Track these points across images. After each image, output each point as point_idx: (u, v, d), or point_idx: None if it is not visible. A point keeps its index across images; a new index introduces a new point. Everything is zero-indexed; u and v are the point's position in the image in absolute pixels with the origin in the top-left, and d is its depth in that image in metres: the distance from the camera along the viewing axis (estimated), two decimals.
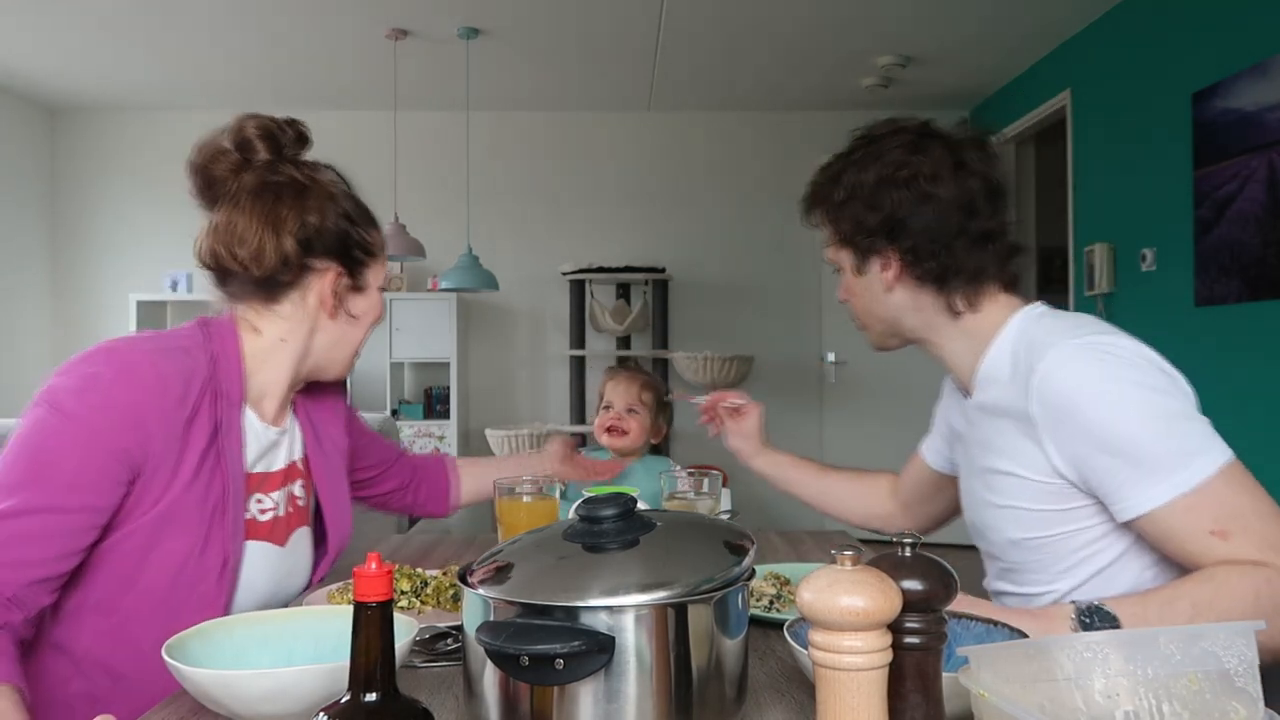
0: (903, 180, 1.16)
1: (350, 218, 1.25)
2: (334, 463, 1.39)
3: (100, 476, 1.06)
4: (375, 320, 1.33)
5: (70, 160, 5.43)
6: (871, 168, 1.18)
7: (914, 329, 1.24)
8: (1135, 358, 1.06)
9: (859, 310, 1.28)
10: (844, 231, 1.22)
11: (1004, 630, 0.88)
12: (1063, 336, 1.08)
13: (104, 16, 4.01)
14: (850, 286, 1.27)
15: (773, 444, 1.67)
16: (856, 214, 1.19)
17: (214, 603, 1.14)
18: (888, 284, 1.21)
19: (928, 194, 1.15)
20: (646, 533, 0.80)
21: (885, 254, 1.19)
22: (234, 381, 1.20)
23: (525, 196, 5.53)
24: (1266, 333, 3.03)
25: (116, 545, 1.10)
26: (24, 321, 5.15)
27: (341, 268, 1.25)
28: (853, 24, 4.17)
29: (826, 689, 0.64)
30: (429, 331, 5.12)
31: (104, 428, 1.06)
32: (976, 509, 1.25)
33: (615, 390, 2.21)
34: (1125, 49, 3.92)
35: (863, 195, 1.18)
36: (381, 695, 0.63)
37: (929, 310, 1.21)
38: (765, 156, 5.59)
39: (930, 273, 1.17)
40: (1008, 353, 1.15)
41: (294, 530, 1.30)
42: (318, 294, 1.24)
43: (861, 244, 1.21)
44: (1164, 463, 1.00)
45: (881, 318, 1.25)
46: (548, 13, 4.02)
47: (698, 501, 1.47)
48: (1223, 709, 0.64)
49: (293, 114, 1.31)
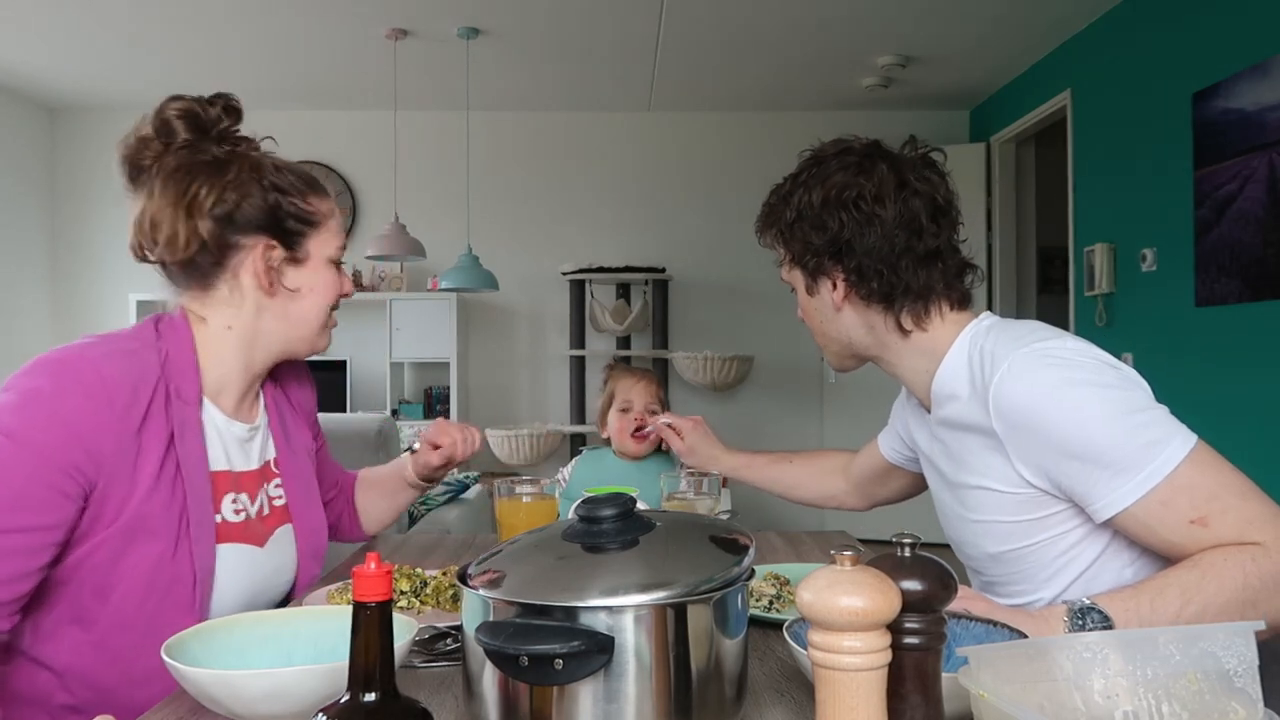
0: (848, 201, 1.17)
1: (280, 188, 1.20)
2: (303, 463, 1.36)
3: (48, 495, 1.03)
4: (331, 294, 1.28)
5: (70, 160, 5.43)
6: (817, 189, 1.20)
7: (867, 348, 1.25)
8: (1084, 359, 1.07)
9: (814, 330, 1.30)
10: (794, 252, 1.24)
11: (1004, 630, 0.88)
12: (1011, 347, 1.09)
13: (104, 16, 4.01)
14: (804, 307, 1.29)
15: (729, 446, 1.74)
16: (804, 235, 1.21)
17: (190, 608, 1.11)
18: (836, 304, 1.22)
19: (872, 215, 1.16)
20: (646, 533, 0.80)
21: (832, 274, 1.21)
22: (188, 378, 1.16)
23: (525, 196, 5.53)
24: (1266, 333, 3.03)
25: (86, 559, 1.07)
26: (24, 321, 5.15)
27: (272, 240, 1.20)
28: (853, 24, 4.17)
29: (826, 689, 0.64)
30: (429, 331, 5.12)
31: (49, 444, 1.02)
32: (953, 524, 1.26)
33: (634, 390, 2.15)
34: (1125, 49, 3.92)
35: (810, 216, 1.20)
36: (381, 695, 0.63)
37: (879, 329, 1.21)
38: (765, 156, 5.58)
39: (876, 292, 1.18)
40: (962, 366, 1.16)
41: (274, 530, 1.27)
42: (250, 272, 1.19)
43: (810, 265, 1.22)
44: (1131, 458, 1.01)
45: (834, 338, 1.27)
46: (548, 13, 4.02)
47: (697, 501, 1.47)
48: (1222, 709, 0.64)
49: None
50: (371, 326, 5.27)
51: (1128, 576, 1.09)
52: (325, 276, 1.27)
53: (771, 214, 1.28)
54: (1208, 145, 3.31)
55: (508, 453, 4.77)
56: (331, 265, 1.27)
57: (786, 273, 1.29)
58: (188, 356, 1.18)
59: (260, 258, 1.19)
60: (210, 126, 1.20)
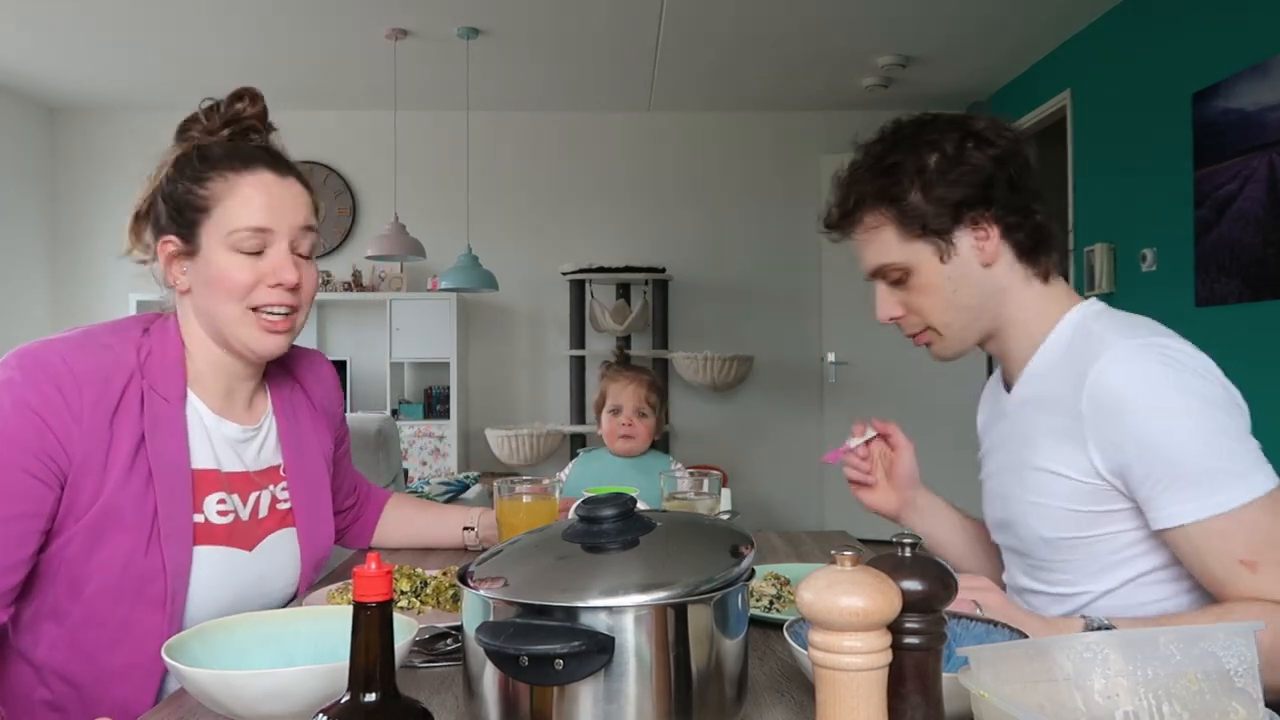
0: (978, 142, 1.12)
1: (174, 175, 1.15)
2: (315, 468, 1.32)
3: (25, 481, 1.03)
4: (231, 285, 1.13)
5: (70, 160, 5.43)
6: (926, 149, 1.13)
7: (994, 316, 1.18)
8: (1195, 365, 1.04)
9: (939, 308, 1.17)
10: (921, 216, 1.13)
11: (1004, 630, 0.88)
12: (1124, 335, 1.06)
13: (104, 16, 4.01)
14: (927, 284, 1.16)
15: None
16: (942, 192, 1.12)
17: (161, 608, 1.09)
18: (987, 257, 1.15)
19: (1003, 153, 1.13)
20: (646, 533, 0.80)
21: (981, 224, 1.14)
22: (170, 375, 1.16)
23: (525, 196, 5.53)
24: (1266, 333, 3.03)
25: (60, 551, 1.07)
26: (23, 321, 5.15)
27: (170, 235, 1.16)
28: (853, 24, 4.17)
29: (826, 689, 0.64)
30: (429, 331, 5.12)
31: (18, 432, 1.03)
32: (1007, 504, 1.21)
33: (623, 393, 2.19)
34: (1125, 49, 3.91)
35: (945, 169, 1.12)
36: (381, 695, 0.63)
37: (1015, 287, 1.17)
38: (765, 156, 5.59)
39: (1026, 236, 1.14)
40: (1064, 345, 1.14)
41: (269, 534, 1.23)
42: (164, 271, 1.18)
43: (946, 225, 1.13)
44: (1206, 479, 0.97)
45: (967, 307, 1.17)
46: (548, 13, 4.02)
47: (698, 501, 1.47)
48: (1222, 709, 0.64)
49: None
50: (371, 326, 5.27)
51: (1184, 604, 1.07)
52: (218, 267, 1.13)
53: (870, 192, 1.16)
54: (1208, 145, 3.31)
55: (508, 453, 4.77)
56: (236, 251, 1.13)
57: (899, 252, 1.16)
58: (172, 354, 1.17)
59: (163, 253, 1.17)
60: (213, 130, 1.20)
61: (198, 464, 1.17)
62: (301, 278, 1.17)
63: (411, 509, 1.62)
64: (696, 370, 5.05)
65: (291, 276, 1.15)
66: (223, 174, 1.14)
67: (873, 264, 1.19)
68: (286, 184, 1.18)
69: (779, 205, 5.56)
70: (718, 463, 5.12)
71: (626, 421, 2.17)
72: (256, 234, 1.14)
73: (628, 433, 2.16)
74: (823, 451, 5.37)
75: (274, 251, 1.15)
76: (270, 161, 1.18)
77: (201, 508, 1.16)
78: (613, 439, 2.19)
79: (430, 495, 3.30)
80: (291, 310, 1.18)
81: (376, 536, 1.58)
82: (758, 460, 5.49)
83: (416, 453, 5.06)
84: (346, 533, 1.55)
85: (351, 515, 1.55)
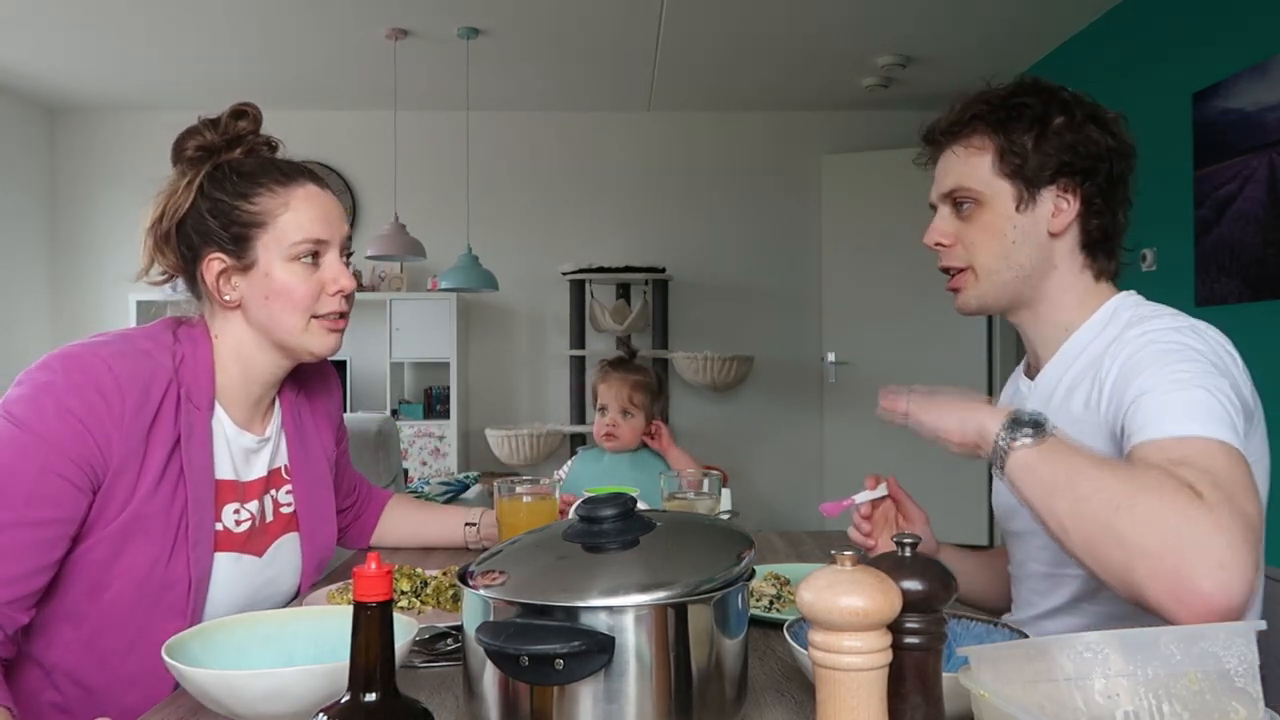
0: (1103, 127, 1.15)
1: (216, 194, 1.17)
2: (319, 470, 1.34)
3: (61, 486, 1.03)
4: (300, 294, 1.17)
5: (70, 160, 5.43)
6: (1058, 108, 1.14)
7: (1035, 288, 1.18)
8: (1219, 346, 1.05)
9: (992, 251, 1.17)
10: (1023, 157, 1.14)
11: (1004, 630, 0.88)
12: (1158, 320, 1.08)
13: (104, 16, 4.00)
14: (993, 224, 1.17)
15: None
16: (1048, 147, 1.13)
17: (181, 614, 1.10)
18: (1058, 226, 1.16)
19: (1119, 148, 1.15)
20: (646, 533, 0.80)
21: (1069, 193, 1.15)
22: (202, 384, 1.16)
23: (525, 196, 5.53)
24: (1266, 333, 3.03)
25: (84, 555, 1.07)
26: (23, 321, 5.15)
27: (218, 251, 1.17)
28: (853, 24, 4.17)
29: (826, 689, 0.64)
30: (429, 331, 5.12)
31: (60, 437, 1.03)
32: None
33: (608, 393, 2.21)
34: (1125, 49, 3.92)
35: (1058, 131, 1.13)
36: (381, 695, 0.63)
37: (1068, 270, 1.18)
38: (765, 156, 5.59)
39: (1100, 226, 1.16)
40: (1097, 330, 1.16)
41: (275, 539, 1.26)
42: (209, 286, 1.19)
43: (1040, 177, 1.14)
44: (1184, 414, 0.95)
45: (1019, 263, 1.17)
46: (548, 13, 4.02)
47: (698, 501, 1.47)
48: (1223, 709, 0.64)
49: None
50: (371, 326, 5.26)
51: None
52: (284, 278, 1.17)
53: (1000, 117, 1.16)
54: (1208, 145, 3.31)
55: (508, 453, 4.77)
56: (296, 262, 1.17)
57: (984, 181, 1.16)
58: (203, 362, 1.18)
59: (209, 270, 1.18)
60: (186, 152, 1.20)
61: (219, 474, 1.18)
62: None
63: (412, 508, 1.63)
64: (696, 370, 5.05)
65: (350, 283, 1.22)
66: (270, 189, 1.17)
67: (953, 184, 1.19)
68: (327, 195, 1.23)
69: (779, 205, 5.56)
70: (718, 463, 5.12)
71: (610, 421, 2.19)
72: (316, 245, 1.19)
73: (611, 431, 2.18)
74: (823, 452, 5.41)
75: (328, 260, 1.21)
76: (310, 175, 1.23)
77: (220, 516, 1.18)
78: (599, 437, 2.22)
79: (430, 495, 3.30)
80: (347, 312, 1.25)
81: (376, 536, 1.59)
82: (758, 460, 5.49)
83: (416, 453, 5.06)
84: (346, 532, 1.55)
85: (351, 515, 1.55)
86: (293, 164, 1.22)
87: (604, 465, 2.23)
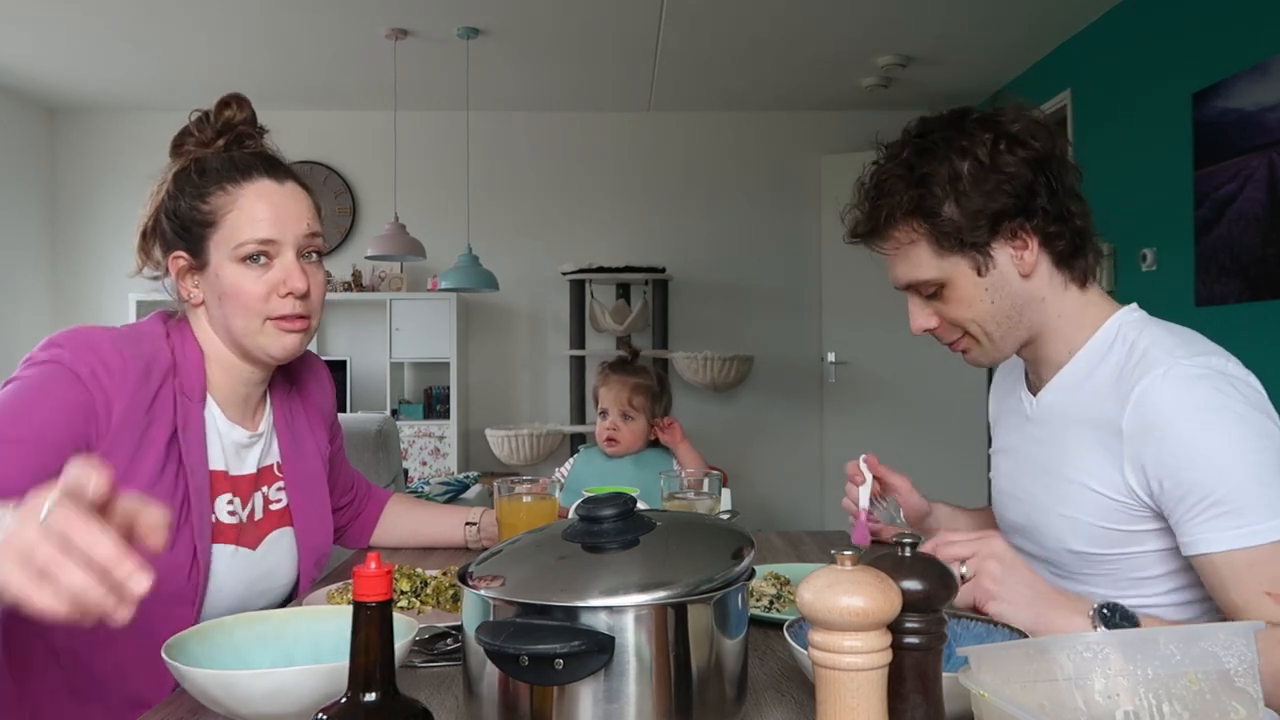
0: (1012, 144, 1.07)
1: (176, 192, 1.17)
2: (312, 467, 1.35)
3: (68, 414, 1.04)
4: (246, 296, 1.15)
5: (70, 160, 5.43)
6: (958, 156, 1.07)
7: (1033, 324, 1.14)
8: (1248, 394, 1.01)
9: (976, 319, 1.14)
10: (956, 230, 1.08)
11: (1004, 630, 0.88)
12: (1172, 354, 1.03)
13: (104, 16, 4.00)
14: (965, 297, 1.12)
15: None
16: (977, 203, 1.07)
17: (185, 601, 1.11)
18: (1025, 269, 1.11)
19: (1040, 154, 1.07)
20: (646, 533, 0.80)
21: (1020, 234, 1.09)
22: (194, 378, 1.18)
23: (525, 196, 5.53)
24: (1266, 333, 3.03)
25: None
26: (23, 321, 5.15)
27: (179, 250, 1.19)
28: (853, 24, 4.17)
29: (826, 689, 0.64)
30: (429, 331, 5.12)
31: (58, 386, 1.05)
32: (1030, 511, 1.19)
33: (608, 396, 2.21)
34: (1125, 49, 3.91)
35: (980, 178, 1.06)
36: (381, 695, 0.63)
37: (1054, 296, 1.13)
38: (765, 157, 5.59)
39: (1065, 244, 1.10)
40: (1101, 354, 1.11)
41: (268, 534, 1.26)
42: (176, 285, 1.21)
43: (982, 237, 1.08)
44: (1246, 508, 0.95)
45: (1007, 316, 1.13)
46: (548, 13, 4.02)
47: (698, 501, 1.47)
48: (1223, 709, 0.64)
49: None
50: (371, 326, 5.26)
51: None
52: (233, 279, 1.15)
53: (912, 202, 1.09)
54: (1208, 145, 3.31)
55: (508, 453, 4.77)
56: (244, 263, 1.15)
57: (934, 266, 1.11)
58: (193, 356, 1.20)
59: (174, 268, 1.20)
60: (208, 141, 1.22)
61: (212, 465, 1.20)
62: (310, 283, 1.19)
63: (411, 508, 1.63)
64: (696, 370, 5.05)
65: (301, 284, 1.16)
66: (222, 187, 1.16)
67: (906, 279, 1.15)
68: (286, 189, 1.19)
69: (779, 205, 5.56)
70: (718, 463, 5.12)
71: (611, 425, 2.18)
72: (263, 246, 1.15)
73: (611, 435, 2.18)
74: (823, 452, 5.41)
75: (282, 261, 1.17)
76: (267, 168, 1.19)
77: (214, 507, 1.19)
78: (601, 441, 2.22)
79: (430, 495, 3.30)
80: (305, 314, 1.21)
81: (376, 535, 1.59)
82: (758, 460, 5.49)
83: (416, 453, 5.06)
84: (346, 532, 1.56)
85: (350, 513, 1.56)
86: (254, 159, 1.19)
87: (605, 463, 2.22)
